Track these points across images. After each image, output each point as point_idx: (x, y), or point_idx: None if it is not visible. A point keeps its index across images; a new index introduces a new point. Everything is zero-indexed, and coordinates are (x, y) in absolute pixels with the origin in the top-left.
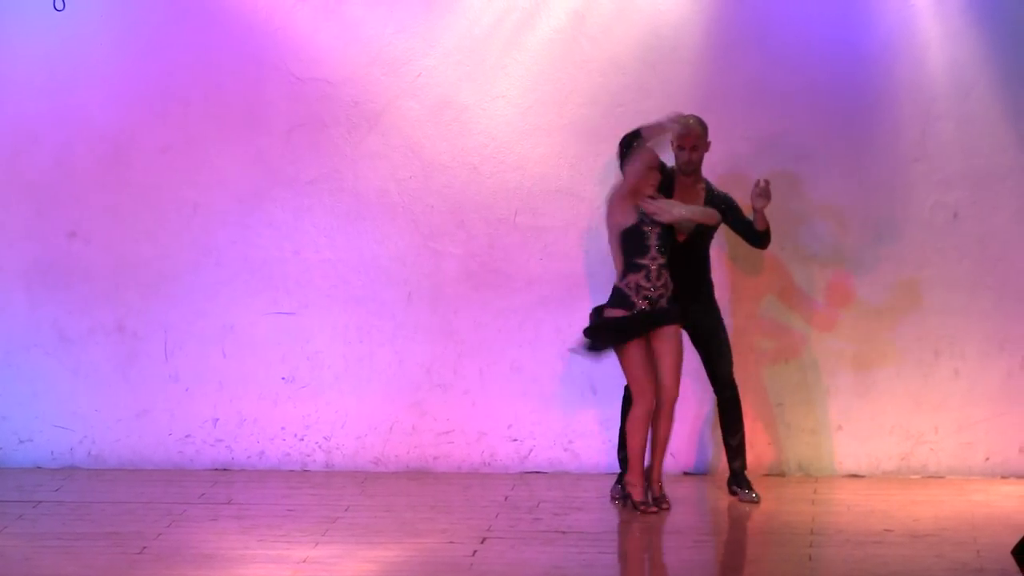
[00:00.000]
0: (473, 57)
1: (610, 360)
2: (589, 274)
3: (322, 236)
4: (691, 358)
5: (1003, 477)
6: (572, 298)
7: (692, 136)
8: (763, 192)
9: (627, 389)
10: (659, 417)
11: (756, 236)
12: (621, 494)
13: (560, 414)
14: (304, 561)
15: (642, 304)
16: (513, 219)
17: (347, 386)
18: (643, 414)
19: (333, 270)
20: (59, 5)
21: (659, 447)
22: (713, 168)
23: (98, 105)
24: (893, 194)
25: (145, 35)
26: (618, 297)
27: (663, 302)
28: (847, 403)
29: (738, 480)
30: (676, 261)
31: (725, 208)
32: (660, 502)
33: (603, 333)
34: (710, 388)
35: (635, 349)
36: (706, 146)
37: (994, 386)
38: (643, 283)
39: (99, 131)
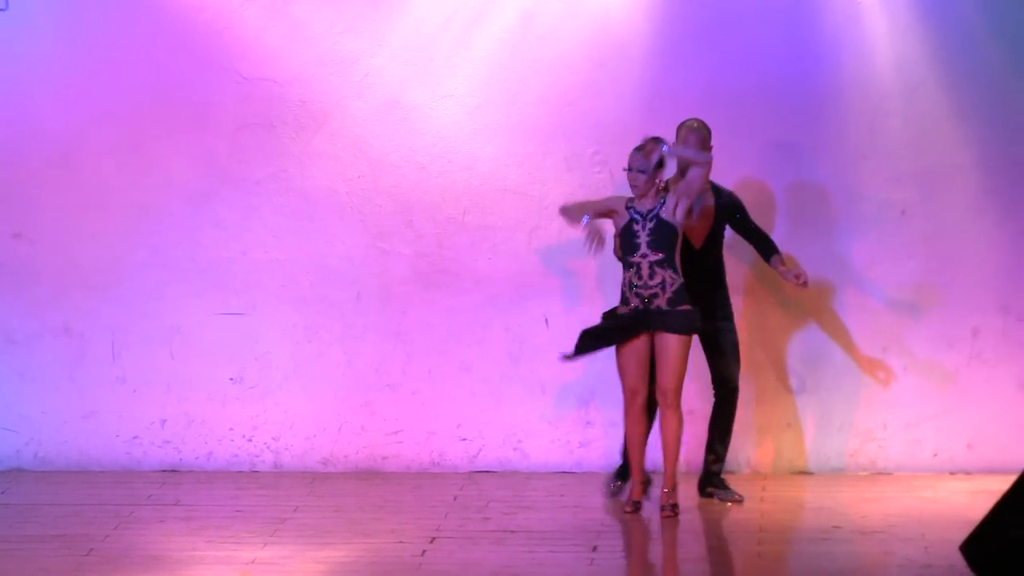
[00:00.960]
0: (421, 56)
1: (558, 360)
2: (538, 273)
3: (270, 236)
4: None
5: (951, 473)
6: (521, 297)
7: (699, 138)
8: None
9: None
10: (662, 421)
11: (760, 239)
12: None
13: (509, 414)
14: (253, 562)
15: (635, 301)
16: (462, 218)
17: (296, 386)
18: (629, 411)
19: (281, 270)
20: (2, 5)
21: (666, 453)
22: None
23: (45, 106)
24: (841, 191)
25: (91, 35)
26: (621, 296)
27: (660, 302)
28: (795, 401)
29: (715, 481)
30: (692, 266)
31: (733, 207)
32: (665, 509)
33: (587, 340)
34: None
35: (626, 347)
36: (709, 149)
37: (941, 383)
38: (635, 280)
39: (46, 132)
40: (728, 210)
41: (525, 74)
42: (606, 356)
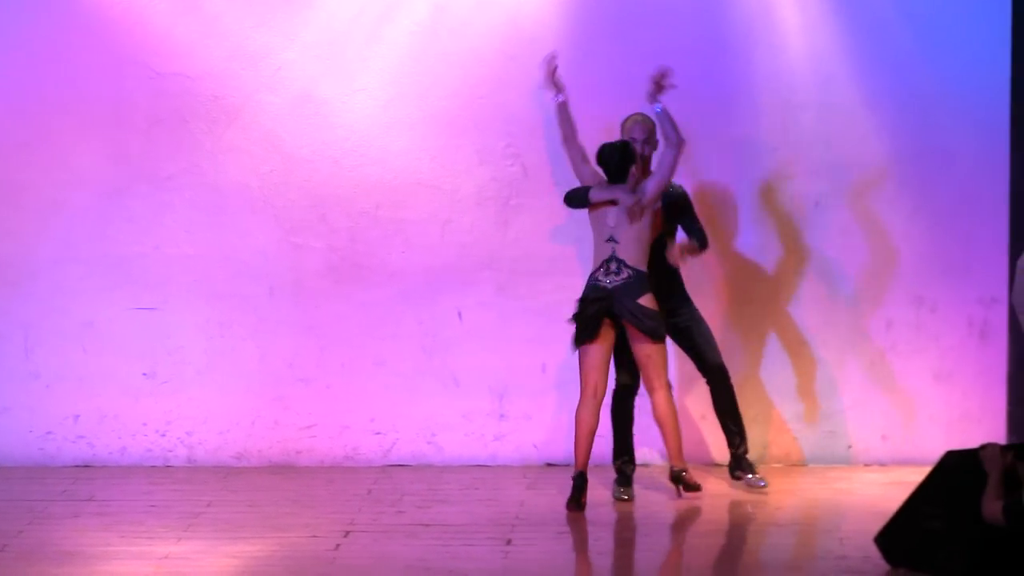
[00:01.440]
0: (333, 50)
1: (471, 353)
2: (450, 267)
3: (183, 231)
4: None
5: (865, 465)
6: (433, 291)
7: (645, 130)
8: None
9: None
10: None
11: (699, 238)
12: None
13: (423, 407)
14: (166, 557)
15: None
16: (375, 212)
17: (209, 381)
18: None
19: (194, 265)
20: None
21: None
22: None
23: None
24: (754, 183)
25: None
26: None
27: None
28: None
29: (742, 464)
30: (653, 259)
31: (682, 201)
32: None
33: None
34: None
35: None
36: (655, 143)
37: (856, 375)
38: None
39: None
40: (679, 204)
41: (437, 68)
42: (523, 344)
